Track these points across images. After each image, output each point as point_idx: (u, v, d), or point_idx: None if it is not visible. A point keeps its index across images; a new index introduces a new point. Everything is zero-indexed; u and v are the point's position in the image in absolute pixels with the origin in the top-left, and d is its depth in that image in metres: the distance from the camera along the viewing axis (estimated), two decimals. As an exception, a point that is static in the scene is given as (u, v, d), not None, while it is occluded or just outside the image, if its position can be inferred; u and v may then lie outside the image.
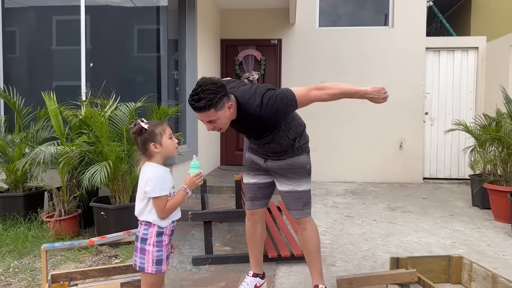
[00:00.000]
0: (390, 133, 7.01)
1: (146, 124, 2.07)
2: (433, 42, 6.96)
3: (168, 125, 2.14)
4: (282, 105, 2.27)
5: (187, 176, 2.12)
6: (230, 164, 7.22)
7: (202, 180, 2.15)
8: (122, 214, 3.69)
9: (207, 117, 2.18)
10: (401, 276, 2.67)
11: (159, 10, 4.69)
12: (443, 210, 5.15)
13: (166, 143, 2.08)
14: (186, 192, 2.09)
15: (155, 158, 2.09)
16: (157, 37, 4.69)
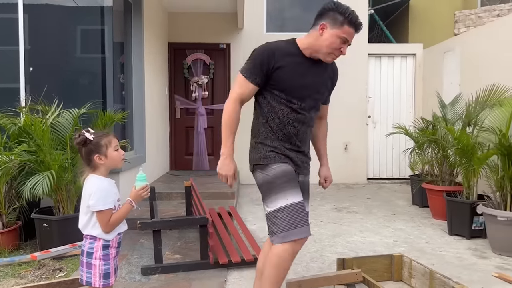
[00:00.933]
0: (336, 136, 7.24)
1: (91, 135, 2.02)
2: (374, 49, 7.28)
3: (115, 136, 2.10)
4: None
5: (133, 189, 2.09)
6: (180, 169, 7.15)
7: (148, 193, 2.13)
8: (66, 225, 3.55)
9: (353, 38, 2.16)
10: (347, 276, 2.79)
11: (103, 10, 4.56)
12: (385, 210, 5.41)
13: (112, 155, 2.04)
14: (131, 205, 2.06)
15: (99, 170, 2.05)
16: (101, 38, 4.56)
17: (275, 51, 2.12)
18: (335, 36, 2.09)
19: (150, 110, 5.73)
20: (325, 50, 2.14)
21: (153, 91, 6.00)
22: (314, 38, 2.15)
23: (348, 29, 2.08)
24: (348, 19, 2.07)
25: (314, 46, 2.15)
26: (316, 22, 2.16)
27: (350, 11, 2.09)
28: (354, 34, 2.11)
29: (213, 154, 7.25)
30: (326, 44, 2.12)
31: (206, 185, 5.69)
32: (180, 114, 7.19)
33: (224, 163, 2.15)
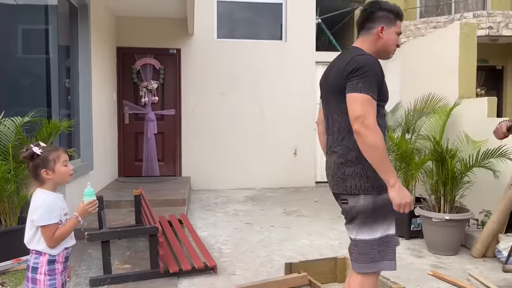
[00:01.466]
0: (286, 141, 7.43)
1: (40, 149, 2.00)
2: (322, 57, 7.54)
3: (64, 151, 2.08)
4: None
5: (80, 203, 2.08)
6: (129, 175, 7.03)
7: (96, 209, 2.12)
8: (9, 238, 3.42)
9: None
10: (294, 280, 2.91)
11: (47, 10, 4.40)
12: (332, 212, 5.62)
13: (60, 170, 2.03)
14: (77, 220, 2.05)
15: (46, 184, 2.03)
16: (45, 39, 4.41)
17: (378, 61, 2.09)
18: (394, 33, 2.16)
19: (97, 116, 5.61)
20: (392, 48, 2.18)
21: (101, 97, 5.88)
22: (373, 42, 2.15)
23: (399, 23, 2.19)
24: (397, 15, 2.17)
25: (379, 49, 2.16)
26: (368, 26, 2.15)
27: (395, 7, 2.18)
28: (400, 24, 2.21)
29: (163, 160, 7.20)
30: (390, 43, 2.16)
31: (156, 192, 5.65)
32: (129, 119, 7.08)
33: (402, 191, 1.93)
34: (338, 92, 2.03)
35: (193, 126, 7.19)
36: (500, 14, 7.85)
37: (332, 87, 2.09)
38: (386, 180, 1.93)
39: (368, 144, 1.89)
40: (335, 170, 2.10)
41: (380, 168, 1.92)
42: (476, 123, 4.51)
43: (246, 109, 7.30)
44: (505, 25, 7.82)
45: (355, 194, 2.03)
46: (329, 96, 2.14)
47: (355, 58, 1.99)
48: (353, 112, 1.91)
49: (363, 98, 1.91)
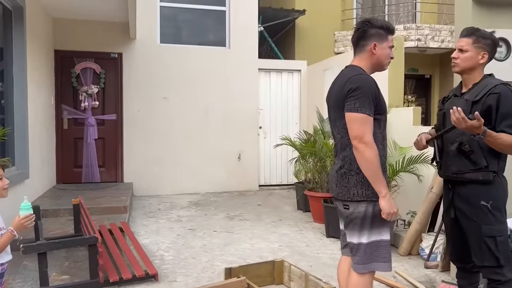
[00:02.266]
0: (230, 146, 7.55)
1: None
2: (264, 64, 7.76)
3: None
4: None
5: (16, 217, 2.08)
6: (68, 182, 6.82)
7: (32, 223, 2.13)
8: None
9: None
10: (233, 284, 3.03)
11: None
12: (274, 216, 5.82)
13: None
14: (12, 235, 2.05)
15: None
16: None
17: (373, 78, 2.28)
18: (386, 48, 2.34)
19: (33, 122, 5.42)
20: (385, 62, 2.37)
21: (37, 101, 5.68)
22: (367, 59, 2.34)
23: (391, 37, 2.36)
24: (388, 30, 2.33)
25: (374, 64, 2.36)
26: (362, 44, 2.34)
27: (386, 23, 2.34)
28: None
29: (104, 166, 7.06)
30: (383, 57, 2.34)
31: (97, 200, 5.56)
32: (68, 124, 6.88)
33: (391, 201, 2.20)
34: (338, 108, 2.28)
35: (135, 131, 7.12)
36: (427, 28, 8.48)
37: (334, 104, 2.34)
38: (378, 191, 2.19)
39: (365, 159, 2.15)
40: (339, 179, 2.33)
41: (374, 180, 2.18)
42: (403, 131, 4.87)
43: (190, 114, 7.34)
44: (432, 38, 8.46)
45: (358, 201, 2.26)
46: (332, 112, 2.38)
47: (352, 78, 2.22)
48: (352, 131, 2.19)
49: (360, 117, 2.16)
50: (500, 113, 2.38)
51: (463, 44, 2.53)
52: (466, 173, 2.48)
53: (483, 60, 2.51)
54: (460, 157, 2.50)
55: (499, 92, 2.39)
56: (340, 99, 2.26)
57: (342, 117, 2.25)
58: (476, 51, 2.50)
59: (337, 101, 2.28)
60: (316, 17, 8.84)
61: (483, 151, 2.41)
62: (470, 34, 2.53)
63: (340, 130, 2.31)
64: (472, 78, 2.56)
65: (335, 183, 2.36)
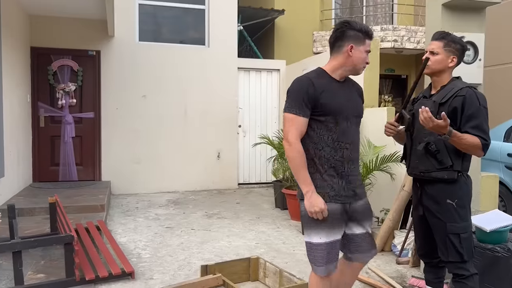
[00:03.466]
0: (209, 145, 7.57)
1: None
2: (244, 63, 7.81)
3: None
4: None
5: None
6: (44, 180, 6.74)
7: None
8: None
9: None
10: (208, 281, 3.09)
11: None
12: (252, 213, 5.89)
13: None
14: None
15: None
16: None
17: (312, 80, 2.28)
18: (363, 52, 2.33)
19: (9, 119, 5.35)
20: (361, 66, 2.37)
21: (13, 98, 5.61)
22: (342, 59, 2.33)
23: (369, 42, 2.34)
24: (366, 34, 2.32)
25: (347, 65, 2.34)
26: (339, 44, 2.33)
27: (364, 27, 2.33)
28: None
29: (82, 164, 7.00)
30: (359, 61, 2.34)
31: (74, 198, 5.53)
32: (44, 122, 6.80)
33: (314, 198, 2.20)
34: None
35: (113, 130, 7.08)
36: (404, 29, 8.67)
37: None
38: (302, 189, 2.25)
39: (288, 156, 2.27)
40: None
41: (297, 178, 2.27)
42: (377, 130, 4.99)
43: (169, 112, 7.34)
44: (408, 39, 8.65)
45: (300, 199, 2.34)
46: None
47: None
48: (283, 130, 2.35)
49: (287, 117, 2.28)
50: (464, 115, 2.49)
51: (434, 47, 2.63)
52: (432, 172, 2.59)
53: (452, 64, 2.62)
54: (427, 157, 2.61)
55: (465, 95, 2.50)
56: None
57: None
58: (446, 54, 2.61)
59: None
60: (295, 17, 8.94)
61: (449, 151, 2.52)
62: (441, 38, 2.64)
63: None
64: (440, 80, 2.66)
65: None
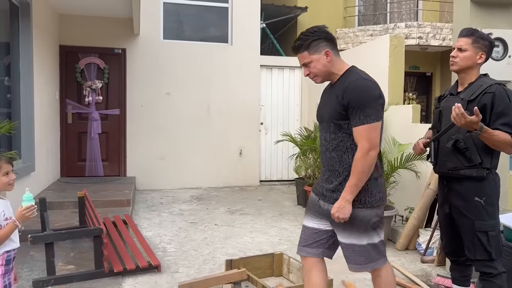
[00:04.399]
0: (231, 142, 7.63)
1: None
2: (266, 61, 7.83)
3: (7, 162, 2.17)
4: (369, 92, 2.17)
5: (19, 208, 2.17)
6: (72, 175, 6.92)
7: (34, 214, 2.21)
8: None
9: (301, 59, 2.28)
10: (233, 275, 3.13)
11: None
12: (274, 210, 5.91)
13: (1, 180, 2.12)
14: (15, 225, 2.14)
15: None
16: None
17: None
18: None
19: (39, 116, 5.52)
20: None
21: (43, 96, 5.78)
22: None
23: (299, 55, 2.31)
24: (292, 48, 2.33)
25: None
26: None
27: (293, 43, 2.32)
28: (299, 56, 2.31)
29: (107, 160, 7.16)
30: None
31: (100, 193, 5.66)
32: (72, 119, 6.98)
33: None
34: None
35: (138, 126, 7.21)
36: (429, 26, 8.53)
37: None
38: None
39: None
40: None
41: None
42: (402, 128, 4.95)
43: (192, 109, 7.43)
44: (433, 36, 8.50)
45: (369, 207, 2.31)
46: None
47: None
48: None
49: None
50: (494, 112, 2.46)
51: (463, 44, 2.61)
52: (461, 170, 2.57)
53: (481, 60, 2.60)
54: (455, 154, 2.58)
55: (494, 92, 2.47)
56: None
57: None
58: (474, 51, 2.58)
59: None
60: (318, 14, 8.90)
61: (478, 148, 2.50)
62: (470, 34, 2.61)
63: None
64: (468, 77, 2.64)
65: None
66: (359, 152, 2.15)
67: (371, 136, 2.13)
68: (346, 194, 2.16)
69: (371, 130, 2.13)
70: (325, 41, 2.24)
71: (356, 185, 2.15)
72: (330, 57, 2.25)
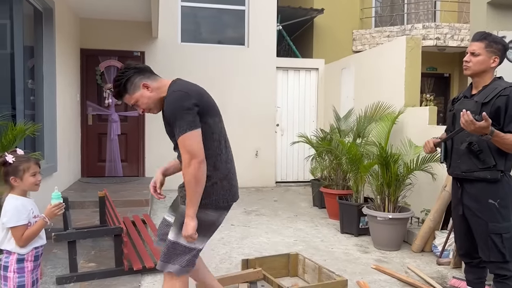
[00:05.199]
0: (248, 143, 7.71)
1: (13, 158, 2.18)
2: (282, 62, 7.88)
3: (35, 163, 2.27)
4: (175, 104, 2.14)
5: (48, 206, 2.28)
6: (92, 176, 7.10)
7: (62, 211, 2.32)
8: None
9: (128, 101, 2.25)
10: (249, 275, 3.19)
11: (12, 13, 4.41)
12: (289, 211, 5.96)
13: (27, 179, 2.23)
14: (45, 221, 2.25)
15: (16, 190, 2.24)
16: (11, 40, 4.44)
17: None
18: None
19: (62, 118, 5.69)
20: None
21: (65, 98, 5.95)
22: None
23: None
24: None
25: None
26: None
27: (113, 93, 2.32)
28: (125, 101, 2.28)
29: (127, 161, 7.31)
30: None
31: (120, 193, 5.79)
32: (92, 120, 7.15)
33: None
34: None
35: (156, 127, 7.33)
36: (447, 26, 8.46)
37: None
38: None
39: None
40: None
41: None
42: (418, 130, 4.94)
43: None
44: (451, 37, 8.43)
45: None
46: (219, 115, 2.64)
47: None
48: None
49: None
50: (508, 115, 2.47)
51: (476, 48, 2.62)
52: (475, 172, 2.58)
53: (494, 64, 2.61)
54: (469, 156, 2.60)
55: (508, 94, 2.48)
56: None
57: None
58: (488, 55, 2.59)
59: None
60: (335, 16, 8.91)
61: (492, 150, 2.51)
62: (483, 38, 2.62)
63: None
64: (482, 80, 2.65)
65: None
66: (182, 165, 2.20)
67: (187, 145, 2.11)
68: (188, 211, 2.15)
69: (186, 140, 2.11)
70: (137, 75, 2.22)
71: (191, 199, 2.14)
72: (150, 87, 2.22)
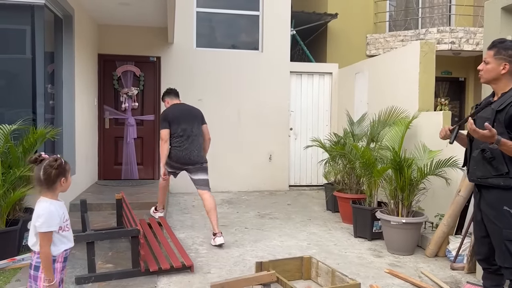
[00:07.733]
0: (261, 147, 7.76)
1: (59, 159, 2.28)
2: (296, 67, 7.93)
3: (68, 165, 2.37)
4: None
5: None
6: (109, 178, 7.23)
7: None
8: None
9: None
10: (263, 277, 3.24)
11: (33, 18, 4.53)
12: (303, 215, 5.99)
13: (69, 180, 2.32)
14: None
15: (55, 192, 2.29)
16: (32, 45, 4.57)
17: None
18: None
19: (80, 121, 5.83)
20: None
21: (83, 102, 6.09)
22: None
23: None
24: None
25: None
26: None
27: None
28: None
29: (142, 164, 7.43)
30: None
31: (136, 195, 5.90)
32: (109, 124, 7.29)
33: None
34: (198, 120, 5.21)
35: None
36: (461, 30, 8.41)
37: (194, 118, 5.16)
38: None
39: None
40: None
41: None
42: (432, 135, 4.93)
43: (224, 115, 7.61)
44: (466, 41, 8.38)
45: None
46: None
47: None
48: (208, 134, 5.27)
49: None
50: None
51: (486, 57, 2.67)
52: (488, 178, 2.60)
53: (504, 71, 2.62)
54: (483, 163, 2.62)
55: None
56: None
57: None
58: (497, 62, 2.62)
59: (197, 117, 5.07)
60: (348, 20, 8.93)
61: (505, 158, 2.52)
62: (492, 46, 2.66)
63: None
64: (499, 87, 2.67)
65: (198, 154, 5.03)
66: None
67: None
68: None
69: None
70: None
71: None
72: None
